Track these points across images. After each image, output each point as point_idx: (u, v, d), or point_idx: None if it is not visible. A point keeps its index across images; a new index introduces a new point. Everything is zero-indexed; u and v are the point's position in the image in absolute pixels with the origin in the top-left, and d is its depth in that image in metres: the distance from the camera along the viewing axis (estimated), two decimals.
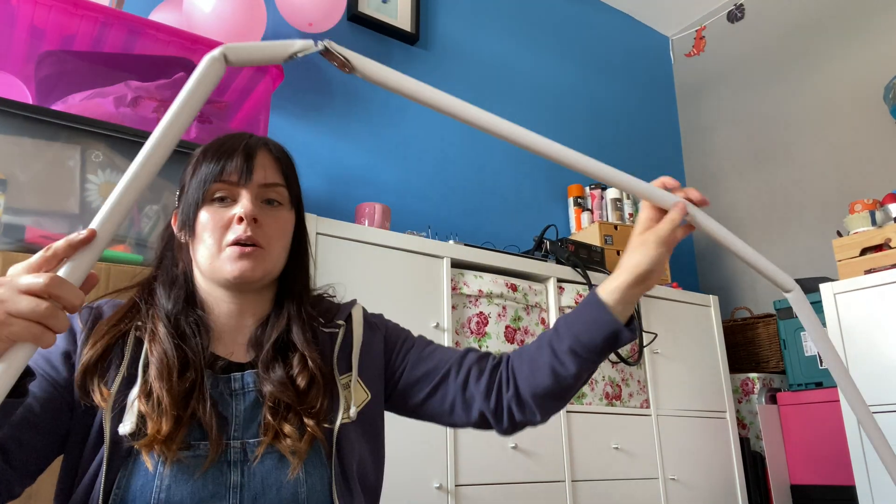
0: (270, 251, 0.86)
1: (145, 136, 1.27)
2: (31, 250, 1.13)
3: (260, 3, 1.86)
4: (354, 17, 2.40)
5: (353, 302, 0.99)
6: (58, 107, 1.32)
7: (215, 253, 0.84)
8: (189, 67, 1.48)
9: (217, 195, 0.85)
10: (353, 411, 0.85)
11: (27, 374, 0.68)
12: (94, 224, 0.62)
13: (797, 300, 0.86)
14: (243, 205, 0.84)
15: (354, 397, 0.87)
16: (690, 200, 0.82)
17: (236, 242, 0.83)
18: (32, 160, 1.18)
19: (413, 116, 2.48)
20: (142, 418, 0.76)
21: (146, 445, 0.74)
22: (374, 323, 0.98)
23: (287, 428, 0.79)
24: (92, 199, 1.22)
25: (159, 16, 1.86)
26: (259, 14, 1.85)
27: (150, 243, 1.27)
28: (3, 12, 1.36)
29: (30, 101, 1.37)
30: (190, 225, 0.85)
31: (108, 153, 1.26)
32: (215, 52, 0.65)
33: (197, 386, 0.80)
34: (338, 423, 0.83)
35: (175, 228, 0.91)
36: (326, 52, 0.68)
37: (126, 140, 1.27)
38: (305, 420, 0.81)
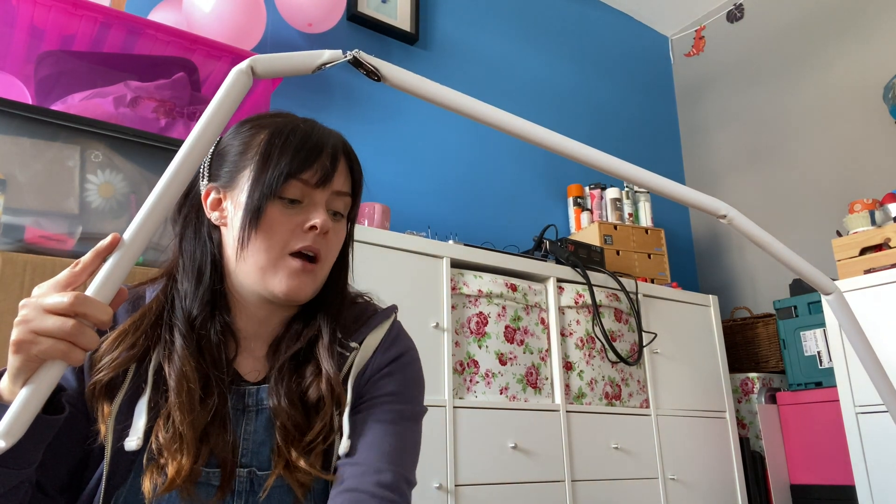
0: (324, 267, 0.80)
1: (145, 136, 1.28)
2: (31, 250, 1.13)
3: (259, 3, 1.86)
4: (354, 17, 2.40)
5: (387, 315, 0.88)
6: (57, 107, 1.32)
7: (274, 259, 0.76)
8: (189, 67, 1.48)
9: (289, 196, 0.77)
10: (345, 445, 0.76)
11: (60, 390, 0.67)
12: (125, 237, 0.62)
13: (836, 302, 0.86)
14: (320, 215, 0.77)
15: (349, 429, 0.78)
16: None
17: (302, 252, 0.77)
18: (32, 160, 1.18)
19: (413, 116, 2.48)
20: (151, 443, 0.71)
21: (167, 489, 0.69)
22: (387, 349, 0.85)
23: (294, 454, 0.73)
24: (91, 199, 1.22)
25: (159, 15, 1.86)
26: (259, 14, 1.85)
27: (150, 244, 1.26)
28: (3, 12, 1.36)
29: (29, 101, 1.37)
30: (256, 221, 0.75)
31: (107, 153, 1.25)
32: (243, 64, 0.63)
33: (219, 415, 0.73)
34: (335, 453, 0.76)
35: (207, 207, 0.81)
36: (355, 62, 0.67)
37: (126, 140, 1.27)
38: (300, 457, 0.74)
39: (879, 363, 0.86)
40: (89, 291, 0.60)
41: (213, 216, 0.81)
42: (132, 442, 0.70)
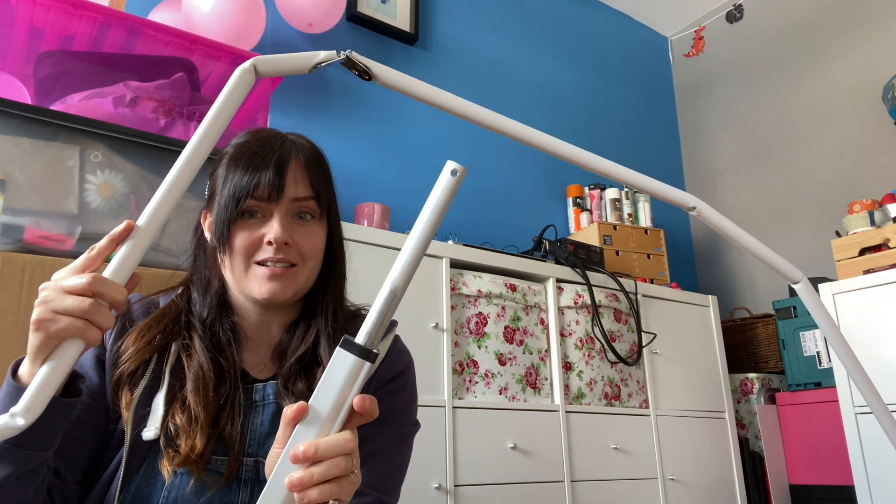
0: (303, 269, 0.84)
1: (144, 136, 1.28)
2: (30, 251, 1.13)
3: (259, 3, 1.86)
4: (354, 17, 2.40)
5: (392, 327, 0.91)
6: (57, 107, 1.32)
7: (243, 272, 0.82)
8: (188, 68, 1.48)
9: (248, 210, 0.83)
10: None
11: (78, 377, 0.70)
12: (138, 224, 0.65)
13: (805, 290, 0.86)
14: (274, 229, 0.81)
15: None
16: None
17: (265, 261, 0.82)
18: (31, 160, 1.18)
19: (412, 117, 2.48)
20: (168, 425, 0.75)
21: (180, 463, 0.73)
22: (392, 363, 0.89)
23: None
24: (91, 199, 1.22)
25: (158, 16, 1.86)
26: (258, 14, 1.85)
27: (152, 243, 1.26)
28: (3, 12, 1.36)
29: (29, 101, 1.37)
30: (224, 241, 0.83)
31: (106, 153, 1.25)
32: (246, 64, 0.68)
33: (230, 401, 0.79)
34: None
35: (205, 229, 0.89)
36: (348, 62, 0.71)
37: (125, 140, 1.27)
38: None
39: (851, 350, 0.86)
40: (105, 273, 0.63)
41: (208, 236, 0.88)
42: (150, 431, 0.75)
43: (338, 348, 0.56)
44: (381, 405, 0.85)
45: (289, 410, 0.55)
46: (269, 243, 0.81)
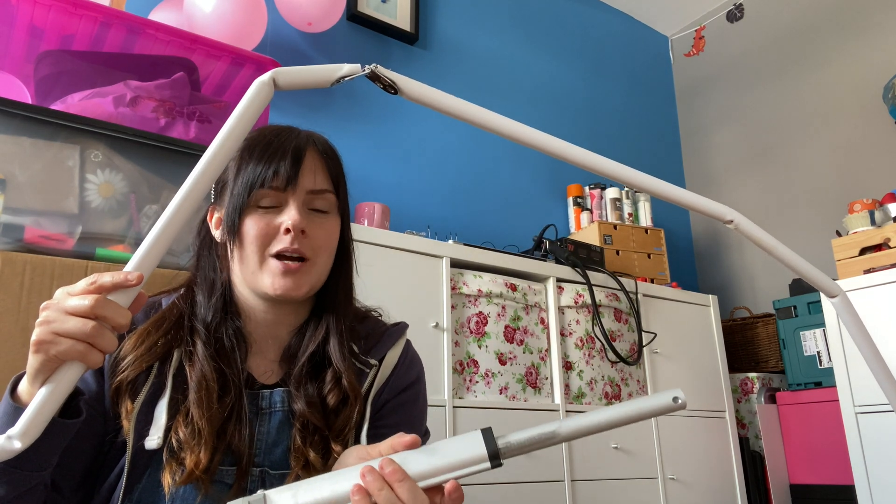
0: (316, 264, 0.82)
1: (144, 135, 1.28)
2: (30, 250, 1.13)
3: (260, 3, 1.86)
4: (354, 16, 2.40)
5: (401, 331, 0.91)
6: (57, 106, 1.32)
7: (257, 264, 0.80)
8: (189, 67, 1.48)
9: (263, 203, 0.81)
10: None
11: (78, 393, 0.68)
12: (145, 243, 0.62)
13: (842, 305, 0.86)
14: (291, 215, 0.79)
15: None
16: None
17: (280, 254, 0.79)
18: (31, 160, 1.18)
19: (413, 116, 2.48)
20: (171, 440, 0.73)
21: (185, 480, 0.71)
22: (405, 371, 0.89)
23: (312, 455, 0.76)
24: (91, 198, 1.22)
25: (159, 15, 1.86)
26: (259, 13, 1.85)
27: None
28: (3, 12, 1.36)
29: (29, 100, 1.37)
30: (234, 231, 0.81)
31: (107, 153, 1.25)
32: (265, 76, 0.65)
33: (235, 411, 0.76)
34: None
35: (212, 226, 0.87)
36: (373, 76, 0.68)
37: (125, 140, 1.27)
38: (332, 445, 0.77)
39: (886, 367, 0.85)
40: (110, 295, 0.61)
41: (216, 234, 0.86)
42: (153, 441, 0.73)
43: (479, 432, 0.56)
44: (394, 416, 0.85)
45: (406, 437, 0.57)
46: (287, 231, 0.79)
